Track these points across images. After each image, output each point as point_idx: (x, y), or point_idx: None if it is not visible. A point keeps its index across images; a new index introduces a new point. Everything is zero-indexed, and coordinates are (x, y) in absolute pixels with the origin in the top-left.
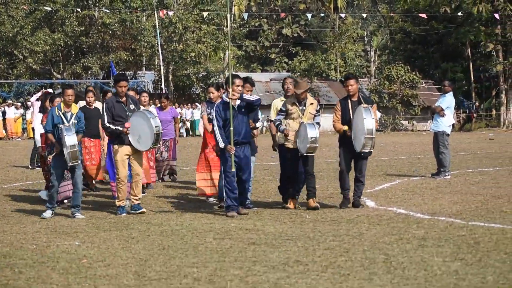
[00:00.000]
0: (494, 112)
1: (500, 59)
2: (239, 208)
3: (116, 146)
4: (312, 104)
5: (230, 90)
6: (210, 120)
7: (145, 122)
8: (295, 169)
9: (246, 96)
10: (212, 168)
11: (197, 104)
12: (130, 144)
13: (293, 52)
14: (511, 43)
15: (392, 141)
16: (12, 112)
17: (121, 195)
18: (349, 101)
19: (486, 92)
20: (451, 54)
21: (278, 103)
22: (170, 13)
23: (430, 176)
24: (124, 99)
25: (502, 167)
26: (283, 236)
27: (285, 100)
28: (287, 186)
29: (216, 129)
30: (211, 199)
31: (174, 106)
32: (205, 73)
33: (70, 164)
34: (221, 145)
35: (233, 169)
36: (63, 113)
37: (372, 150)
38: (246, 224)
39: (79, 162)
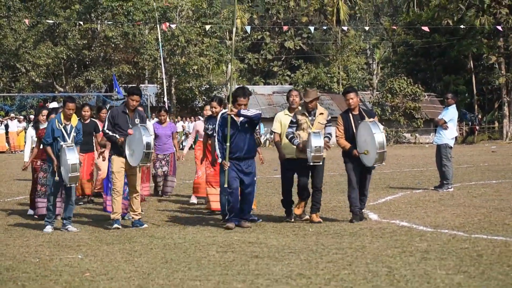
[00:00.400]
0: (496, 124)
1: (502, 72)
2: (240, 221)
3: (113, 157)
4: (321, 114)
5: (230, 105)
6: (209, 136)
7: (139, 138)
8: (306, 180)
9: (244, 111)
10: (213, 184)
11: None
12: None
13: (296, 65)
14: None
15: (394, 154)
16: (14, 126)
17: (115, 207)
18: (351, 115)
19: (489, 104)
20: (453, 66)
21: (281, 116)
22: (173, 26)
23: (433, 188)
24: (131, 112)
25: (505, 179)
26: (286, 249)
27: (288, 113)
28: (300, 193)
29: (216, 143)
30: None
31: (172, 121)
32: (208, 86)
33: (68, 184)
34: (219, 160)
35: (226, 185)
36: (63, 126)
37: (384, 163)
38: (249, 237)
39: (77, 184)
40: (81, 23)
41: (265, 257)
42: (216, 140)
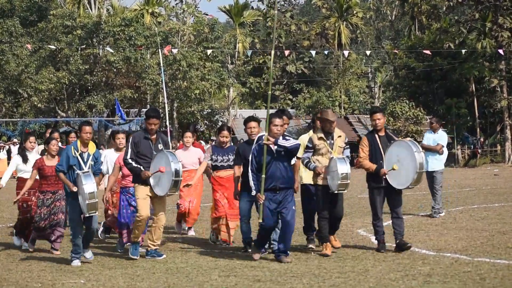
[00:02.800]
0: (499, 147)
1: (504, 95)
2: (280, 256)
3: (137, 185)
4: (340, 136)
5: (266, 132)
6: (215, 168)
7: (166, 165)
8: (328, 206)
9: (282, 141)
10: (224, 214)
11: (201, 141)
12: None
13: (297, 89)
14: None
15: None
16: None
17: (137, 233)
18: (377, 136)
19: (491, 127)
20: (455, 89)
21: (305, 138)
22: (174, 50)
23: (430, 216)
24: (153, 137)
25: (507, 202)
26: (288, 273)
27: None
28: (320, 226)
29: (250, 174)
30: (221, 242)
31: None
32: (210, 110)
33: (87, 214)
34: (253, 192)
35: (260, 220)
36: (80, 154)
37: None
38: (251, 261)
39: (96, 212)
40: (83, 48)
41: (268, 281)
42: (249, 170)
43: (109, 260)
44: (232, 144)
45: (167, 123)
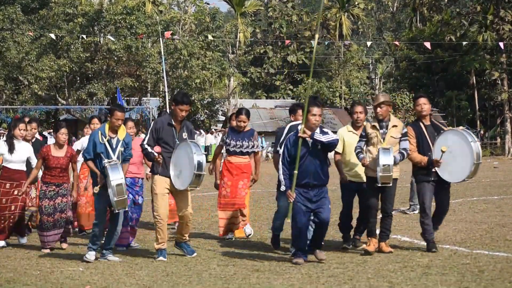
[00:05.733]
0: (499, 140)
1: (505, 88)
2: (315, 252)
3: (156, 177)
4: (395, 126)
5: (303, 124)
6: (228, 152)
7: (188, 157)
8: (375, 201)
9: (319, 135)
10: (223, 206)
11: (201, 131)
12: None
13: (298, 79)
14: None
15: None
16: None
17: (160, 236)
18: (422, 126)
19: (491, 120)
20: (456, 82)
21: (344, 133)
22: (176, 37)
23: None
24: (178, 124)
25: (506, 195)
26: (287, 263)
27: (352, 129)
28: (364, 221)
29: (280, 167)
30: (229, 235)
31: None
32: (210, 99)
33: (115, 210)
34: (282, 188)
35: (288, 220)
36: (108, 140)
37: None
38: (250, 251)
39: (126, 208)
40: (84, 36)
41: (266, 271)
42: (280, 163)
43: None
44: (250, 129)
45: (168, 112)
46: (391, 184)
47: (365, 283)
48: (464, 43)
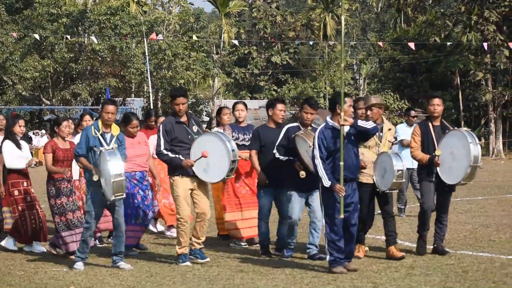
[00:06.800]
0: (483, 141)
1: (489, 88)
2: (344, 262)
3: (176, 178)
4: (390, 129)
5: (342, 113)
6: (241, 147)
7: (218, 146)
8: (371, 208)
9: (362, 122)
10: (243, 206)
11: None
12: (194, 175)
13: (282, 79)
14: (500, 72)
15: None
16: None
17: (183, 240)
18: (430, 125)
19: (475, 121)
20: (440, 82)
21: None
22: (160, 36)
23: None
24: (185, 119)
25: (490, 196)
26: (271, 264)
27: None
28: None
29: (318, 162)
30: (243, 243)
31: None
32: (194, 100)
33: (112, 197)
34: (326, 183)
35: (342, 215)
36: (101, 134)
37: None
38: (235, 252)
39: (124, 195)
40: (68, 36)
41: (250, 271)
42: (318, 158)
43: (93, 249)
44: (248, 124)
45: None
46: (397, 190)
47: (349, 284)
48: (449, 43)
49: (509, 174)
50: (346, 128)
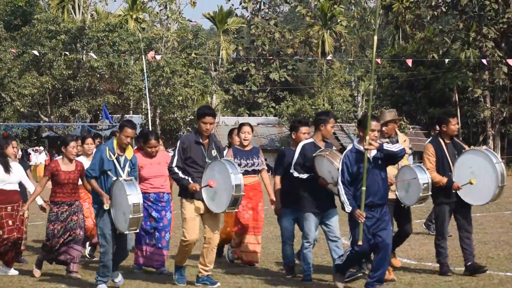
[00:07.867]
0: None
1: (487, 105)
2: (374, 286)
3: (184, 201)
4: (405, 141)
5: (367, 137)
6: (244, 173)
7: (225, 178)
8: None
9: (388, 145)
10: (243, 231)
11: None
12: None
13: (281, 96)
14: (498, 89)
15: None
16: None
17: (182, 257)
18: (442, 142)
19: (474, 137)
20: (438, 99)
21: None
22: (158, 57)
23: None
24: (206, 140)
25: (489, 212)
26: (269, 282)
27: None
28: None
29: (340, 187)
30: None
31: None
32: (193, 117)
33: (126, 231)
34: (348, 208)
35: (360, 242)
36: (116, 157)
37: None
38: (233, 268)
39: (138, 229)
40: (67, 53)
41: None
42: (340, 183)
43: (91, 265)
44: (254, 146)
45: (150, 129)
46: (423, 204)
47: None
48: (447, 60)
49: (507, 191)
50: (373, 152)
